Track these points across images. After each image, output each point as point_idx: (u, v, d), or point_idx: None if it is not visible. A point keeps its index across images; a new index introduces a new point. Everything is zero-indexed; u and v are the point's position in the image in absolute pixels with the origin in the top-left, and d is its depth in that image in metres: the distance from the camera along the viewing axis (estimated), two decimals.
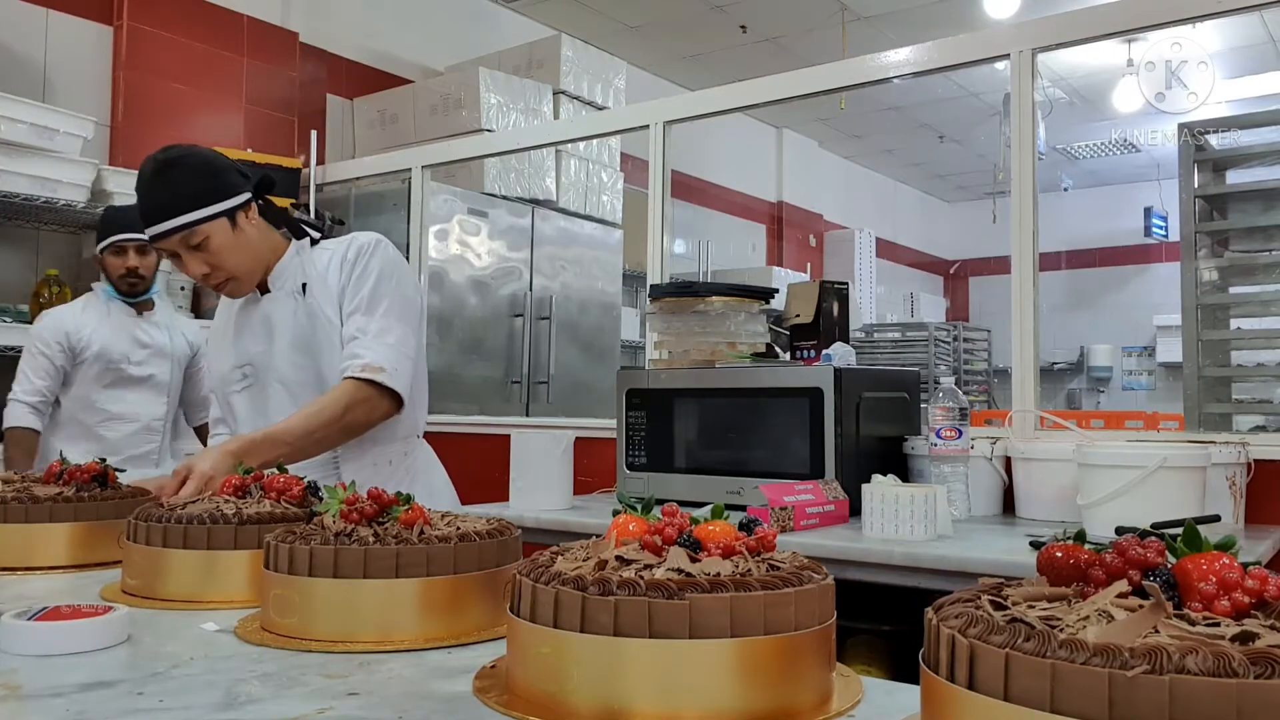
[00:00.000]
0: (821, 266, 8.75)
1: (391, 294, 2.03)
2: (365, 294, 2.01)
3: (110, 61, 4.12)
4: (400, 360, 1.97)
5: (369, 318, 1.99)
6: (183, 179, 1.91)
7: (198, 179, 1.92)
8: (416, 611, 1.03)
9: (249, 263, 2.00)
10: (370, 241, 2.07)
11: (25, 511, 1.44)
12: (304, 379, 2.02)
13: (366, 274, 2.03)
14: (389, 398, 1.96)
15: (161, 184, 1.90)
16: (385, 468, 2.05)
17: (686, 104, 3.59)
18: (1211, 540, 0.63)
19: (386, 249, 2.09)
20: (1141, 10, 2.55)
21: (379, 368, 1.93)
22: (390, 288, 2.03)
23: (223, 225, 1.93)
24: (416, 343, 2.07)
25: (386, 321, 2.00)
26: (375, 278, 2.02)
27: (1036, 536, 1.92)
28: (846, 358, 2.57)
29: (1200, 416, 3.39)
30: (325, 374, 2.01)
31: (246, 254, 1.99)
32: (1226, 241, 3.57)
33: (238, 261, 1.97)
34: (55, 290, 3.69)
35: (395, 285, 2.05)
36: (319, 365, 2.02)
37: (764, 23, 6.33)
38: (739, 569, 0.82)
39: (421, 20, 5.47)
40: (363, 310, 2.00)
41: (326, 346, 2.01)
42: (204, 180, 1.92)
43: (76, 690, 0.87)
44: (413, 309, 2.08)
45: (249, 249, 1.99)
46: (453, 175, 4.55)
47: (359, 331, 1.98)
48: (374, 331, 1.98)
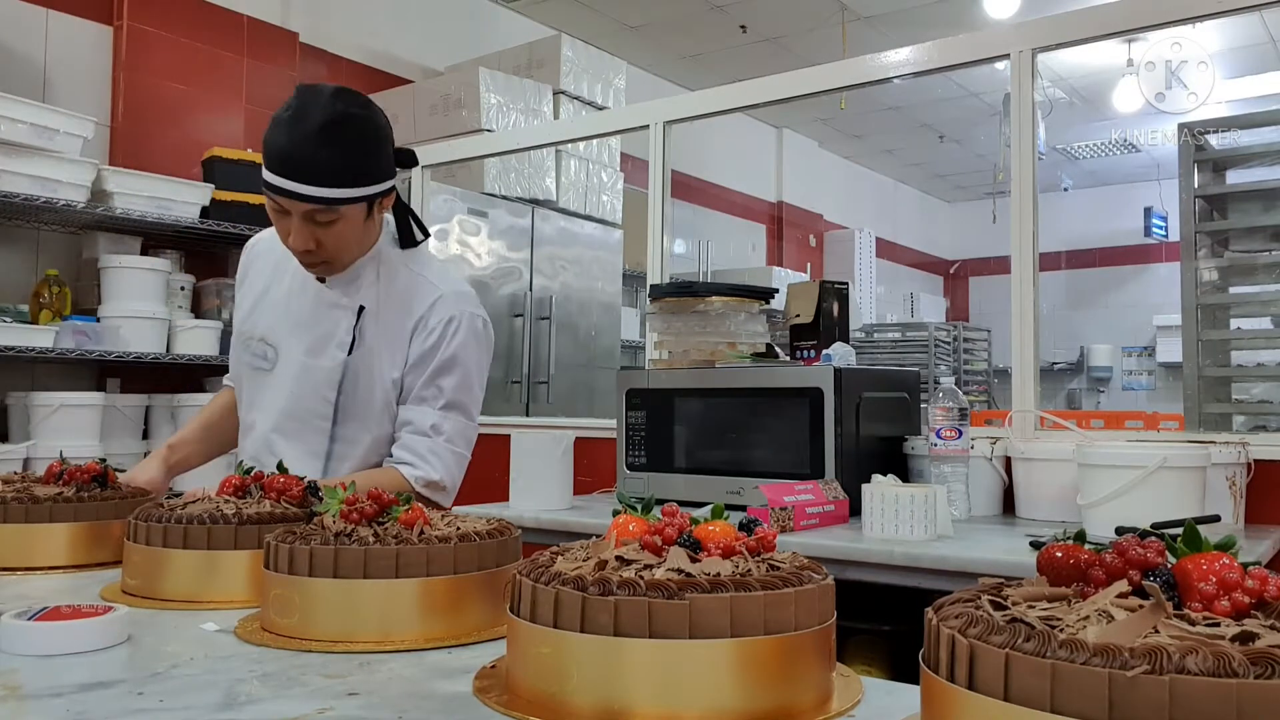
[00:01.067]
0: (821, 266, 8.75)
1: (471, 393, 1.81)
2: (447, 386, 1.77)
3: (110, 61, 4.12)
4: (461, 470, 1.82)
5: (445, 415, 1.77)
6: (352, 145, 1.63)
7: (367, 149, 1.65)
8: (416, 611, 1.03)
9: (354, 254, 1.76)
10: (462, 312, 1.79)
11: (25, 511, 1.44)
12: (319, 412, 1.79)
13: (453, 362, 1.77)
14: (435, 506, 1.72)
15: (327, 140, 1.59)
16: None
17: (686, 104, 3.59)
18: (1211, 540, 0.63)
19: (476, 321, 1.81)
20: (1141, 10, 2.55)
21: (442, 487, 1.78)
22: (472, 384, 1.81)
23: (359, 211, 1.67)
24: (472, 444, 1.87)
25: (460, 423, 1.80)
26: (461, 370, 1.78)
27: (1036, 536, 1.92)
28: (846, 358, 2.57)
29: (1200, 416, 3.39)
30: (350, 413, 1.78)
31: (357, 245, 1.74)
32: (1226, 241, 3.58)
33: (348, 250, 1.73)
34: (55, 290, 3.70)
35: (477, 379, 1.82)
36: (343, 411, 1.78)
37: (764, 23, 6.33)
38: (739, 569, 0.82)
39: (421, 20, 5.47)
40: (441, 401, 1.77)
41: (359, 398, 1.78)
42: (372, 152, 1.66)
43: (76, 690, 0.87)
44: (480, 398, 1.86)
45: (365, 239, 1.75)
46: (453, 175, 4.55)
47: (431, 430, 1.76)
48: (448, 434, 1.77)
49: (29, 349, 3.44)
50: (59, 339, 3.51)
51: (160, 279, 3.84)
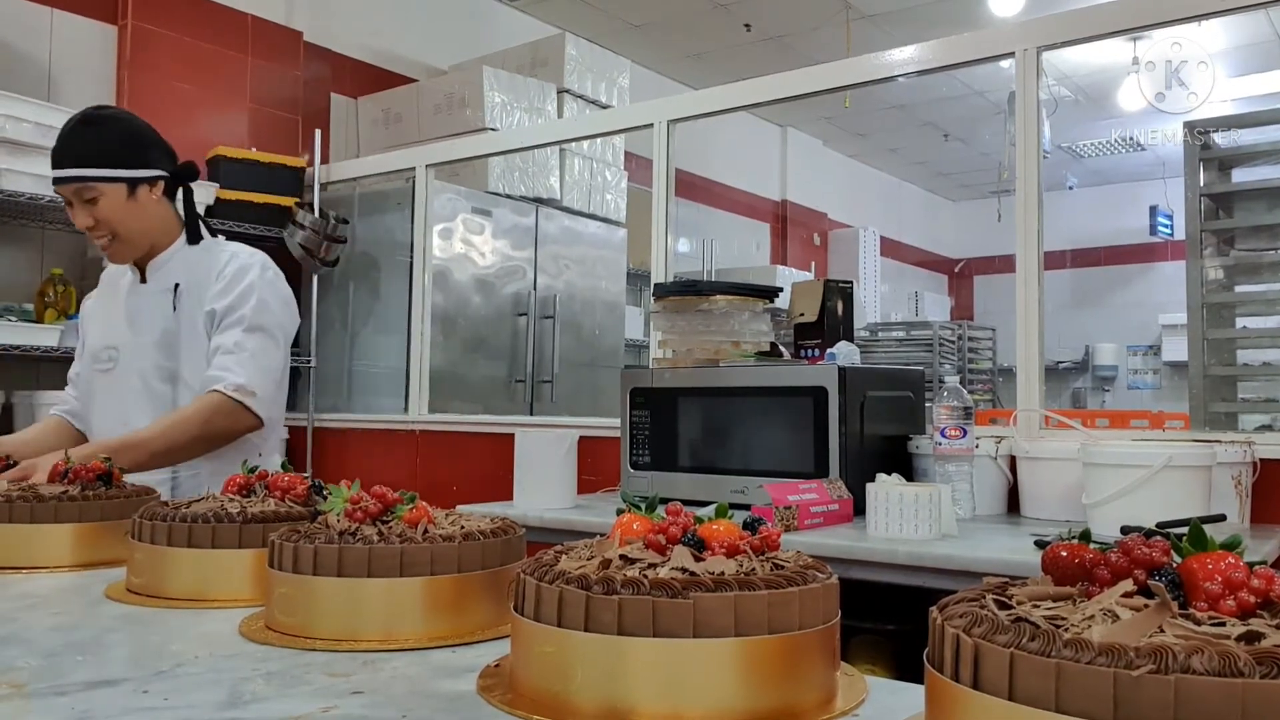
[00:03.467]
0: (826, 265, 8.74)
1: (270, 316, 2.11)
2: (245, 312, 2.08)
3: (114, 61, 4.12)
4: (269, 386, 2.08)
5: (248, 334, 2.07)
6: (100, 137, 2.03)
7: (113, 142, 2.04)
8: (420, 610, 1.03)
9: (135, 233, 2.10)
10: (254, 263, 2.15)
11: (30, 511, 1.45)
12: (161, 376, 2.11)
13: (248, 293, 2.10)
14: (251, 416, 2.04)
15: (79, 134, 2.03)
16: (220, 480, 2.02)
17: (691, 103, 3.58)
18: (1217, 539, 0.63)
19: (267, 269, 2.16)
20: (1146, 8, 2.55)
21: (251, 391, 2.03)
22: (271, 310, 2.11)
23: (119, 190, 2.04)
24: (284, 367, 2.16)
25: (264, 342, 2.08)
26: (256, 298, 2.10)
27: (1041, 536, 1.92)
28: (851, 357, 2.57)
29: (1206, 415, 3.39)
30: (184, 375, 2.10)
31: (135, 223, 2.08)
32: (1232, 240, 3.57)
33: (124, 228, 2.07)
34: (60, 289, 3.70)
35: (274, 308, 2.13)
36: (178, 366, 2.11)
37: (768, 21, 6.33)
38: (743, 568, 0.82)
39: (425, 19, 5.47)
40: (242, 326, 2.07)
41: (188, 350, 2.10)
42: (118, 145, 2.04)
43: (81, 688, 0.87)
44: (285, 333, 2.16)
45: (139, 220, 2.09)
46: (457, 174, 4.55)
47: (235, 347, 2.05)
48: (251, 350, 2.06)
49: (34, 348, 3.45)
50: (64, 338, 3.51)
51: None
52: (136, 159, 2.06)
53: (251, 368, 2.04)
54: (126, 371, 2.14)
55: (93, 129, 2.03)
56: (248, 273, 2.12)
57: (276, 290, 2.16)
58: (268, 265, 2.18)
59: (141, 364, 2.12)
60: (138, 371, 2.12)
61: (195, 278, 2.13)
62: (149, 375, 2.12)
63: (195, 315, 2.10)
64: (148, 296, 2.15)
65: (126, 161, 2.04)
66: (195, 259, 2.16)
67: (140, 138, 2.09)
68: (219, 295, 2.10)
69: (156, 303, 2.13)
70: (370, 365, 4.55)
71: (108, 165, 2.02)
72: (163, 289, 2.13)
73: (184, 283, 2.13)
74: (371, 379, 4.53)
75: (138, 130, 2.10)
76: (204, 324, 2.10)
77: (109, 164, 2.02)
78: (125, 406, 2.12)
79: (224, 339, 2.07)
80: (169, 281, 2.13)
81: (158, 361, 2.11)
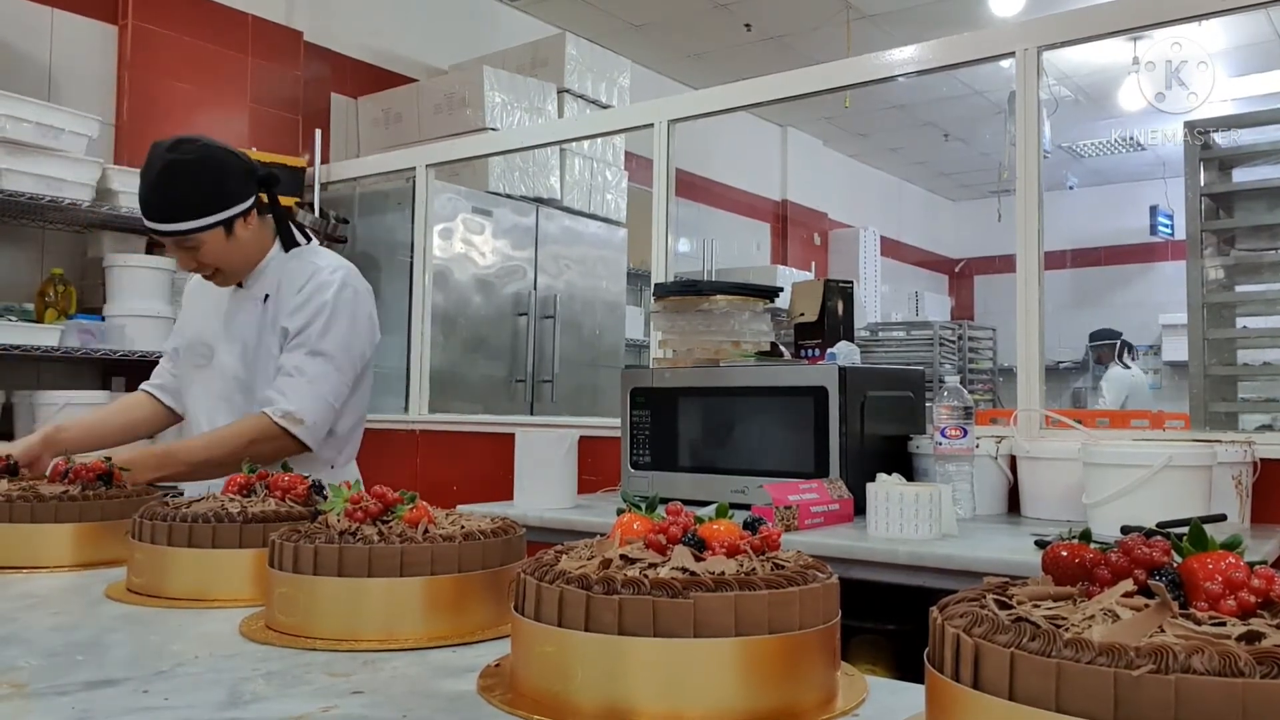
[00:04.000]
0: (826, 265, 8.73)
1: (339, 340, 2.06)
2: (314, 331, 2.04)
3: (115, 60, 4.12)
4: (322, 413, 2.03)
5: (310, 359, 2.03)
6: (188, 185, 1.97)
7: (202, 186, 1.98)
8: (421, 610, 1.03)
9: (237, 264, 2.09)
10: (335, 279, 2.09)
11: (30, 510, 1.45)
12: (241, 382, 2.11)
13: (318, 314, 2.05)
14: (295, 443, 2.01)
15: (166, 186, 1.96)
16: None
17: (691, 102, 3.58)
18: (1217, 539, 0.63)
19: (345, 288, 2.09)
20: (1147, 8, 2.55)
21: (299, 419, 1.99)
22: (340, 333, 2.06)
23: (219, 233, 2.01)
24: (347, 393, 2.11)
25: (325, 369, 2.04)
26: (328, 317, 2.05)
27: (1042, 536, 1.92)
28: (851, 356, 2.57)
29: (1206, 415, 3.38)
30: (255, 386, 2.08)
31: (236, 256, 2.07)
32: (1232, 240, 3.56)
33: (227, 263, 2.07)
34: (60, 289, 3.70)
35: (346, 331, 2.08)
36: (254, 379, 2.09)
37: (768, 21, 6.33)
38: (743, 568, 0.82)
39: (426, 19, 5.47)
40: (307, 348, 2.04)
41: (264, 365, 2.08)
42: (208, 188, 1.98)
43: (81, 688, 0.87)
44: (356, 358, 2.11)
45: (239, 252, 2.07)
46: (457, 174, 4.55)
47: (295, 371, 2.02)
48: (310, 376, 2.02)
49: (34, 348, 3.45)
50: (64, 338, 3.51)
51: (165, 278, 3.85)
52: (229, 198, 2.01)
53: (306, 394, 2.01)
54: (217, 373, 2.14)
55: (179, 178, 1.96)
56: (325, 291, 2.07)
57: (351, 311, 2.10)
58: (347, 284, 2.11)
59: (227, 370, 2.13)
60: (224, 376, 2.13)
61: (282, 289, 2.10)
62: (230, 383, 2.12)
63: (275, 330, 2.09)
64: (242, 303, 2.14)
65: (220, 204, 1.99)
66: (288, 267, 2.13)
67: (226, 172, 2.02)
68: (294, 313, 2.06)
69: (249, 311, 2.12)
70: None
71: (203, 214, 1.97)
72: (256, 298, 2.12)
73: (273, 293, 2.11)
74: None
75: (221, 164, 2.02)
76: (280, 340, 2.08)
77: (204, 213, 1.97)
78: (213, 405, 2.13)
79: (287, 360, 2.04)
80: (262, 292, 2.12)
81: (238, 373, 2.11)
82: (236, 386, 2.11)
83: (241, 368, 2.10)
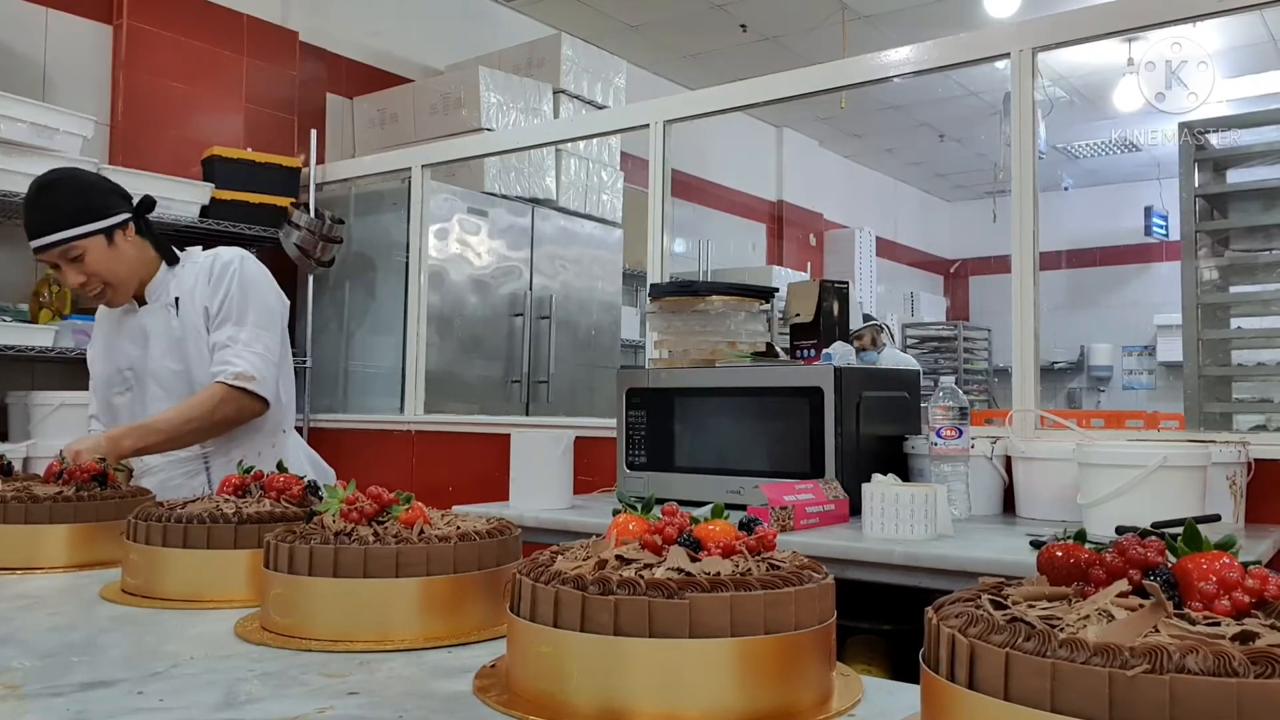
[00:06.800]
0: (822, 266, 8.74)
1: (257, 305, 2.27)
2: (233, 306, 2.25)
3: (110, 60, 4.11)
4: (267, 367, 2.23)
5: (239, 327, 2.24)
6: (61, 199, 2.15)
7: (75, 199, 2.16)
8: (416, 611, 1.03)
9: (124, 276, 2.23)
10: (234, 257, 2.31)
11: (25, 511, 1.44)
12: (177, 381, 2.26)
13: (232, 287, 2.27)
14: (257, 400, 2.21)
15: (42, 203, 2.15)
16: (254, 458, 2.20)
17: (687, 103, 3.58)
18: (1212, 540, 0.63)
19: (247, 263, 2.32)
20: (1142, 9, 2.55)
21: (250, 376, 2.20)
22: (255, 299, 2.28)
23: (99, 242, 2.16)
24: (281, 348, 2.32)
25: (255, 331, 2.25)
26: (240, 290, 2.27)
27: (1037, 536, 1.92)
28: (846, 357, 2.57)
29: (1200, 416, 3.39)
30: (196, 375, 2.25)
31: (121, 267, 2.22)
32: (1227, 241, 3.57)
33: (113, 274, 2.21)
34: (55, 290, 3.69)
35: (260, 296, 2.29)
36: (190, 369, 2.26)
37: (764, 22, 6.33)
38: (739, 568, 0.82)
39: (421, 19, 5.46)
40: (232, 320, 2.25)
41: (195, 353, 2.26)
42: (81, 200, 2.17)
43: (76, 689, 0.87)
44: (276, 317, 2.32)
45: (124, 263, 2.22)
46: (453, 174, 4.54)
47: (229, 340, 2.23)
48: (244, 340, 2.23)
49: (29, 348, 3.44)
50: (59, 338, 3.51)
51: None
52: (104, 209, 2.18)
53: (248, 355, 2.20)
54: (145, 386, 2.29)
55: (54, 193, 2.15)
56: (230, 267, 2.28)
57: (257, 278, 2.31)
58: (245, 256, 2.34)
59: (158, 375, 2.27)
60: (156, 382, 2.28)
61: (187, 286, 2.28)
62: (166, 382, 2.27)
63: (195, 318, 2.26)
64: (150, 314, 2.29)
65: (97, 214, 2.16)
66: (184, 271, 2.32)
67: (98, 190, 2.23)
68: (210, 294, 2.26)
69: (160, 317, 2.28)
70: (366, 365, 4.54)
71: (82, 222, 2.14)
72: (163, 304, 2.29)
73: (183, 294, 2.28)
74: (367, 379, 4.53)
75: (93, 183, 2.25)
76: (203, 322, 2.26)
77: (82, 220, 2.14)
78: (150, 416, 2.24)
79: (220, 335, 2.23)
80: (168, 297, 2.29)
81: (171, 368, 2.26)
82: (175, 380, 2.27)
83: (174, 362, 2.26)
